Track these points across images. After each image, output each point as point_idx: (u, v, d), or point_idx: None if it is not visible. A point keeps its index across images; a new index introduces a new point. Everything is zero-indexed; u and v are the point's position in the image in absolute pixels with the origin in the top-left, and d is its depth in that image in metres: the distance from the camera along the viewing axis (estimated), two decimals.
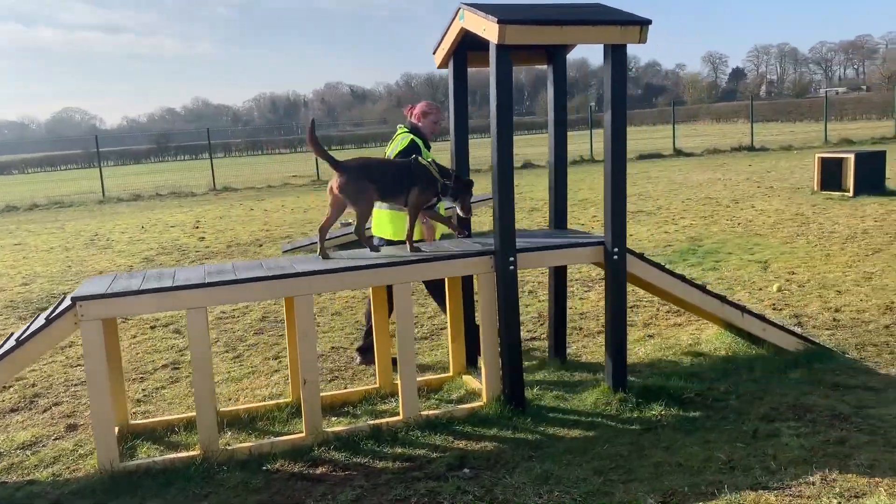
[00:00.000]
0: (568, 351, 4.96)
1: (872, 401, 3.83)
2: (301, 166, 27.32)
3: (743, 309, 4.35)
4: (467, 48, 4.27)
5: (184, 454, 3.57)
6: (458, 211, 4.21)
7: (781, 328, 4.45)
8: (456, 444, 3.65)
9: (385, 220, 4.75)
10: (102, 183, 22.38)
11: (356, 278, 3.68)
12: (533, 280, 7.22)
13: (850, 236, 8.27)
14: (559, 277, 4.68)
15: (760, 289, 6.27)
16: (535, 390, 4.25)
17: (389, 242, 4.69)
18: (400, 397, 3.81)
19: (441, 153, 4.78)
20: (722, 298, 4.30)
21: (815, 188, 12.19)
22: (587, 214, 11.63)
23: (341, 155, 4.01)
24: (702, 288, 4.28)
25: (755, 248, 8.01)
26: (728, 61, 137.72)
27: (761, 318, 4.41)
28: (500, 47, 3.62)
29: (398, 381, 3.81)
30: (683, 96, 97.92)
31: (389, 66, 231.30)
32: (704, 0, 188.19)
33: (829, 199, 11.41)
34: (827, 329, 5.07)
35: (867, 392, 3.96)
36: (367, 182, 3.95)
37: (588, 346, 5.13)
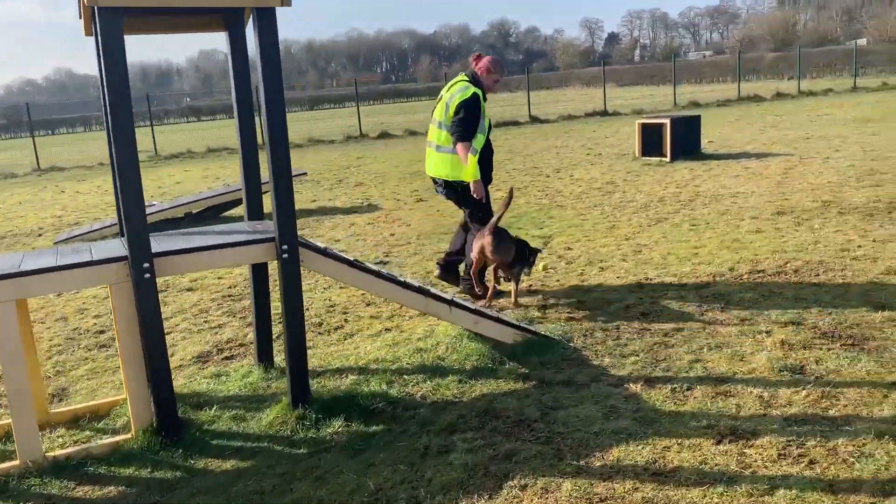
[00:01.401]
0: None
1: (569, 400, 3.54)
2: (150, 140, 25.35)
3: (451, 302, 3.96)
4: None
5: None
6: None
7: (497, 319, 4.10)
8: (76, 492, 3.06)
9: (439, 162, 5.13)
10: None
11: None
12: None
13: (645, 205, 8.21)
14: (259, 275, 4.13)
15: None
16: (213, 410, 3.71)
17: (446, 184, 5.16)
18: (15, 437, 3.17)
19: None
20: (425, 292, 3.89)
21: (637, 154, 12.26)
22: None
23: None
24: (402, 283, 3.84)
25: (548, 221, 7.79)
26: (604, 26, 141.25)
27: (473, 310, 4.04)
28: (102, 11, 2.97)
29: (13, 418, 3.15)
30: (555, 62, 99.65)
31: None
32: None
33: (647, 165, 11.48)
34: (569, 312, 4.81)
35: (568, 389, 3.66)
36: None
37: (318, 345, 4.64)
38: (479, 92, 4.99)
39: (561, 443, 3.14)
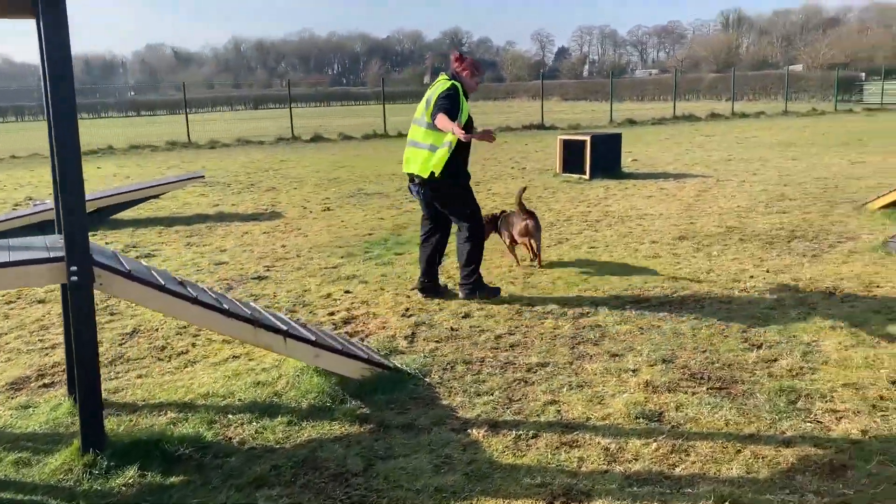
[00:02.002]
0: (113, 383, 3.99)
1: (403, 448, 3.17)
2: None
3: (286, 333, 3.54)
4: None
5: None
6: None
7: (342, 352, 3.70)
8: None
9: (412, 157, 5.19)
10: None
11: None
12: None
13: (551, 224, 7.95)
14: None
15: (413, 289, 5.62)
16: None
17: (423, 182, 5.14)
18: None
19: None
20: (255, 322, 3.47)
21: (558, 170, 12.08)
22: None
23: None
24: (225, 310, 3.41)
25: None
26: (555, 40, 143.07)
27: (313, 342, 3.64)
28: None
29: None
30: (503, 73, 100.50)
31: (217, 29, 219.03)
32: None
33: (567, 181, 11.28)
34: (437, 342, 4.45)
35: (406, 434, 3.29)
36: None
37: (152, 373, 4.16)
38: (459, 84, 5.05)
39: (376, 503, 2.76)
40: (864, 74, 53.53)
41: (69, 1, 2.82)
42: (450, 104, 4.91)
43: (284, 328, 3.57)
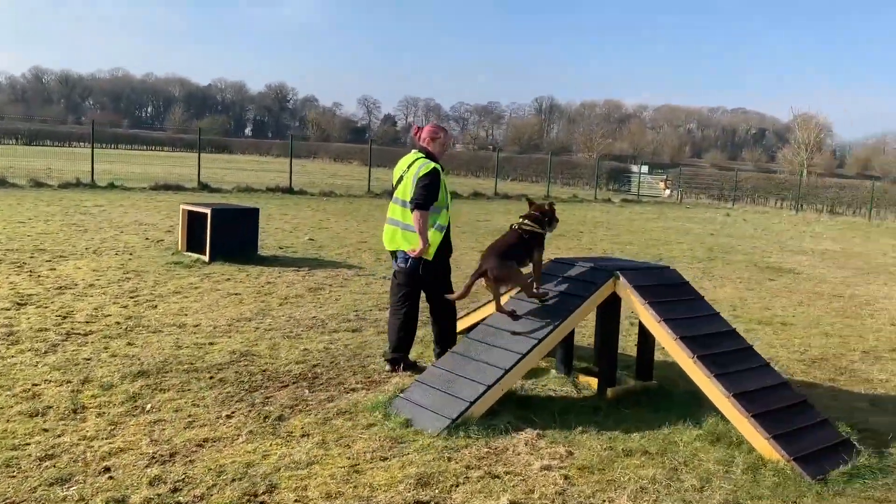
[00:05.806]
0: None
1: None
2: None
3: None
4: None
5: None
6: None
7: None
8: None
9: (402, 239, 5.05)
10: None
11: None
12: None
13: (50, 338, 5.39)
14: None
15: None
16: None
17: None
18: None
19: None
20: None
21: (181, 247, 9.64)
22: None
23: None
24: None
25: None
26: (381, 107, 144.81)
27: None
28: None
29: None
30: (307, 132, 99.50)
31: (15, 55, 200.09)
32: (363, 47, 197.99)
33: (174, 264, 8.82)
34: None
35: None
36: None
37: None
38: (439, 167, 4.96)
39: None
40: (646, 167, 57.23)
41: None
42: (428, 186, 4.86)
43: None
